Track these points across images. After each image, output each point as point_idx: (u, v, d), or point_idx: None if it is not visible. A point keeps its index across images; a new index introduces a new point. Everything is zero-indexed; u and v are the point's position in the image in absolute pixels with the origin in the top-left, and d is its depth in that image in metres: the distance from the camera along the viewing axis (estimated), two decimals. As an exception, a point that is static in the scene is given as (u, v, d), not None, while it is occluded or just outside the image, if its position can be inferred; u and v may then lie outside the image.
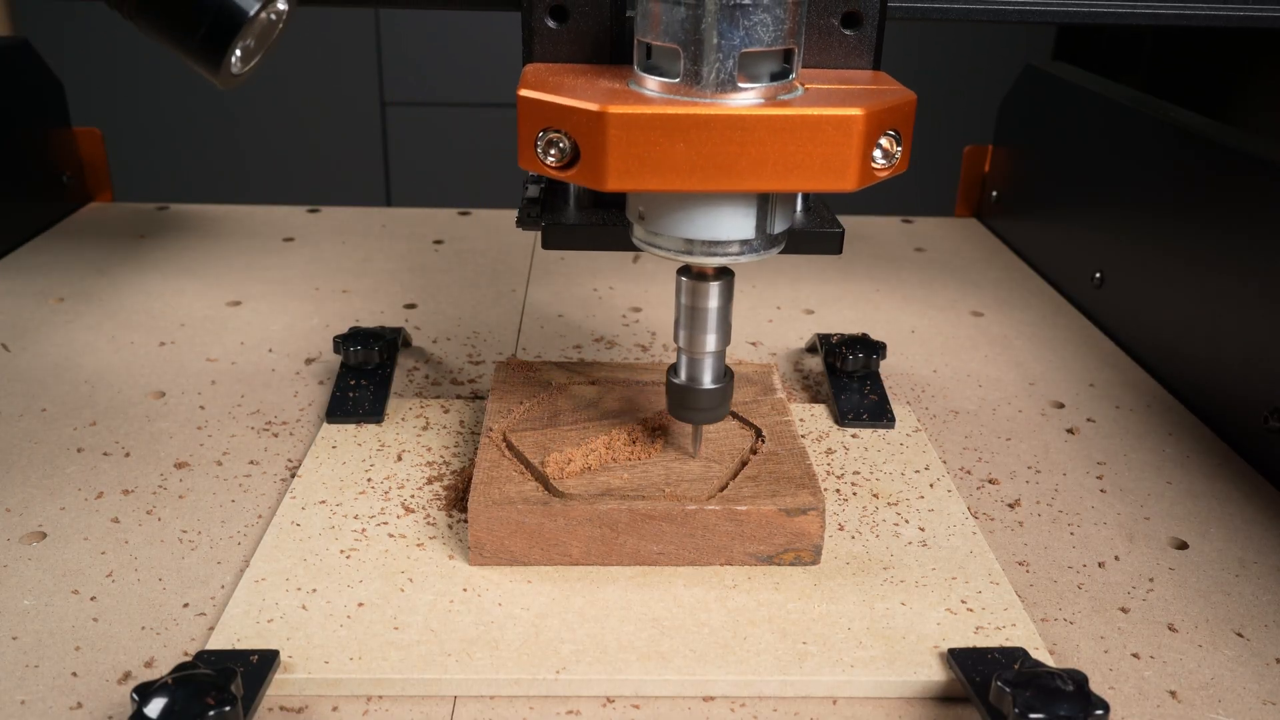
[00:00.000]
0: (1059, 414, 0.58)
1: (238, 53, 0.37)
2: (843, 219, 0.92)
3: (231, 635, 0.38)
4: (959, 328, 0.69)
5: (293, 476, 0.49)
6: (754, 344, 0.65)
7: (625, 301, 0.71)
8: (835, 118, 0.34)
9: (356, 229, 0.84)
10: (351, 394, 0.54)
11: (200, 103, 1.62)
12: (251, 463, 0.51)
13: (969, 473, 0.52)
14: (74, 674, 0.37)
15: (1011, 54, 1.62)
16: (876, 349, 0.57)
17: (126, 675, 0.37)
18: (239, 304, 0.69)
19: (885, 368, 0.60)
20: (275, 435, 0.53)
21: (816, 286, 0.75)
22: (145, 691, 0.32)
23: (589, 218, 0.44)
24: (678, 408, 0.44)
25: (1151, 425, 0.57)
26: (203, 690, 0.32)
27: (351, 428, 0.52)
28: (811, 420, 0.55)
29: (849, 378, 0.57)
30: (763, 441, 0.46)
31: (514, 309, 0.70)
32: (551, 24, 0.40)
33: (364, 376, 0.56)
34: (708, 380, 0.43)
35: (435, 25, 1.60)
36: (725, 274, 0.41)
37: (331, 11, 1.58)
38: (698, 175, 0.35)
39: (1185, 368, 0.60)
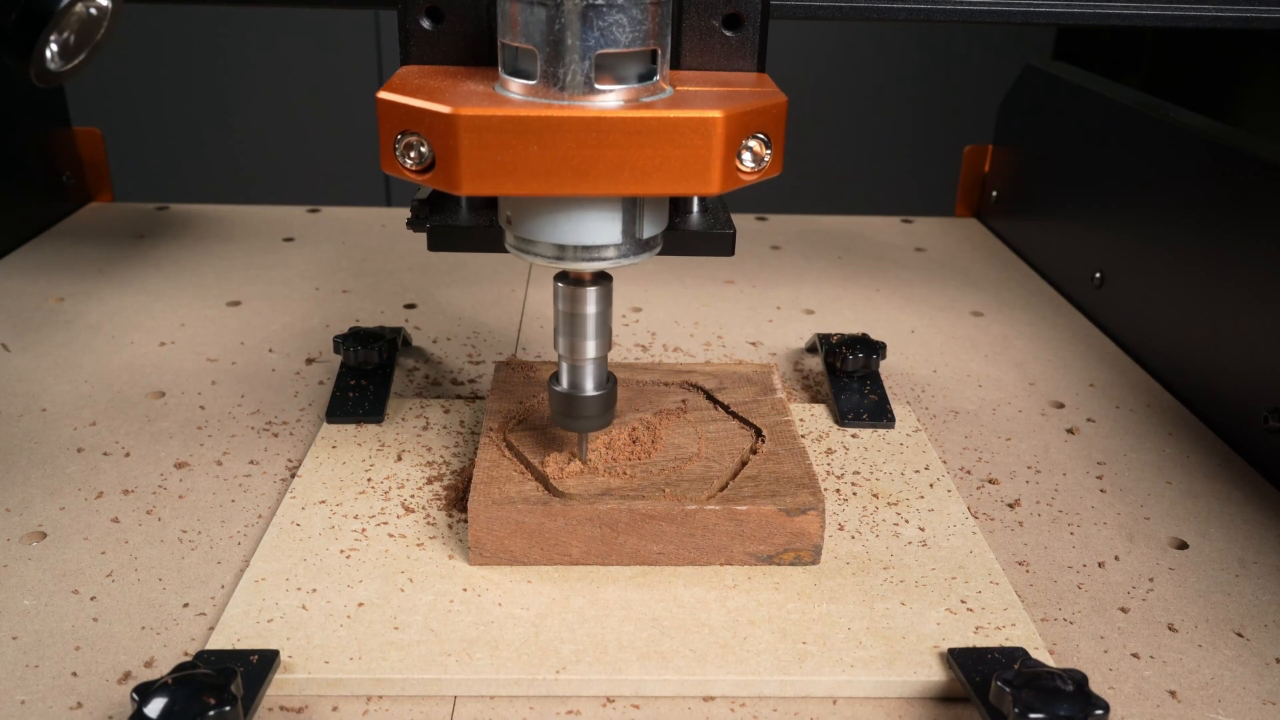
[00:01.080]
0: (1059, 414, 0.58)
1: (53, 47, 0.36)
2: (842, 219, 0.93)
3: (231, 635, 0.38)
4: (959, 328, 0.69)
5: (293, 476, 0.49)
6: (754, 344, 0.65)
7: (625, 301, 0.71)
8: (693, 120, 0.34)
9: (356, 229, 0.84)
10: (351, 394, 0.54)
11: (200, 103, 1.62)
12: (251, 463, 0.51)
13: (969, 473, 0.52)
14: (74, 674, 0.37)
15: (1011, 54, 1.62)
16: (876, 349, 0.57)
17: (126, 675, 0.37)
18: (239, 304, 0.69)
19: (885, 368, 0.60)
20: (275, 435, 0.53)
21: (816, 286, 0.75)
22: (145, 691, 0.32)
23: (479, 219, 0.43)
24: (561, 416, 0.43)
25: (1151, 425, 0.57)
26: (203, 690, 0.32)
27: (351, 428, 0.52)
28: (811, 420, 0.55)
29: (849, 378, 0.57)
30: (763, 441, 0.46)
31: (514, 309, 0.70)
32: (427, 25, 0.39)
33: (364, 376, 0.56)
34: (590, 387, 0.42)
35: (435, 25, 1.60)
36: (603, 278, 0.41)
37: (331, 11, 1.58)
38: (555, 179, 0.34)
39: (1185, 368, 0.60)
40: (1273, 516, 0.49)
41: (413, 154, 0.35)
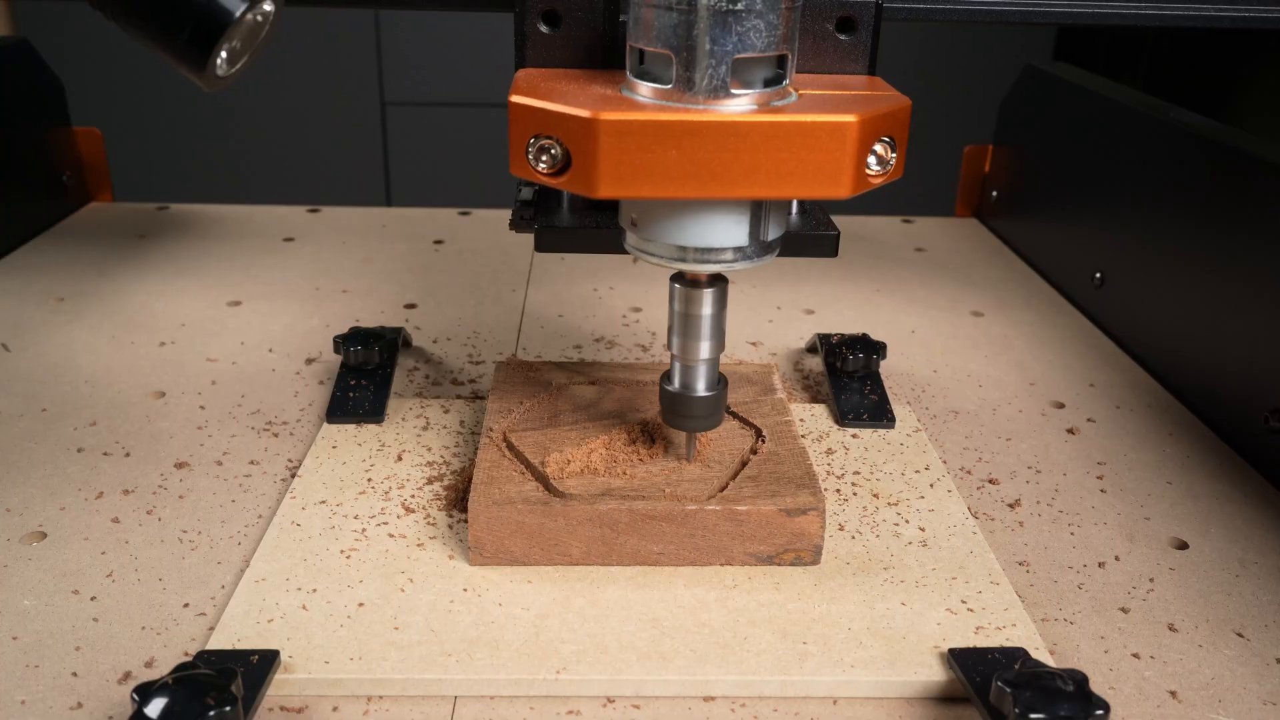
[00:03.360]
0: (1059, 414, 0.58)
1: (223, 55, 0.37)
2: (843, 219, 0.93)
3: (232, 635, 0.38)
4: (959, 328, 0.69)
5: (293, 476, 0.49)
6: (754, 344, 0.65)
7: (625, 301, 0.71)
8: (829, 124, 0.34)
9: (356, 229, 0.84)
10: (352, 394, 0.54)
11: (200, 103, 1.62)
12: (251, 463, 0.51)
13: (969, 473, 0.52)
14: (74, 674, 0.37)
15: (1011, 54, 1.62)
16: (876, 349, 0.57)
17: (127, 675, 0.37)
18: (239, 304, 0.69)
19: (885, 368, 0.60)
20: (275, 435, 0.53)
21: (816, 286, 0.75)
22: (145, 691, 0.32)
23: (582, 220, 0.43)
24: (671, 415, 0.43)
25: (1151, 425, 0.57)
26: (203, 690, 0.32)
27: (352, 428, 0.52)
28: (811, 420, 0.55)
29: (849, 378, 0.57)
30: (763, 441, 0.46)
31: (514, 309, 0.70)
32: (544, 29, 0.39)
33: (364, 376, 0.56)
34: (701, 388, 0.43)
35: (435, 25, 1.60)
36: (719, 280, 0.41)
37: (331, 11, 1.58)
38: (690, 182, 0.34)
39: (1185, 368, 0.60)
40: (1273, 516, 0.49)
41: (546, 157, 0.34)
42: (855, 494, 0.48)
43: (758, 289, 0.74)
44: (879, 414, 0.54)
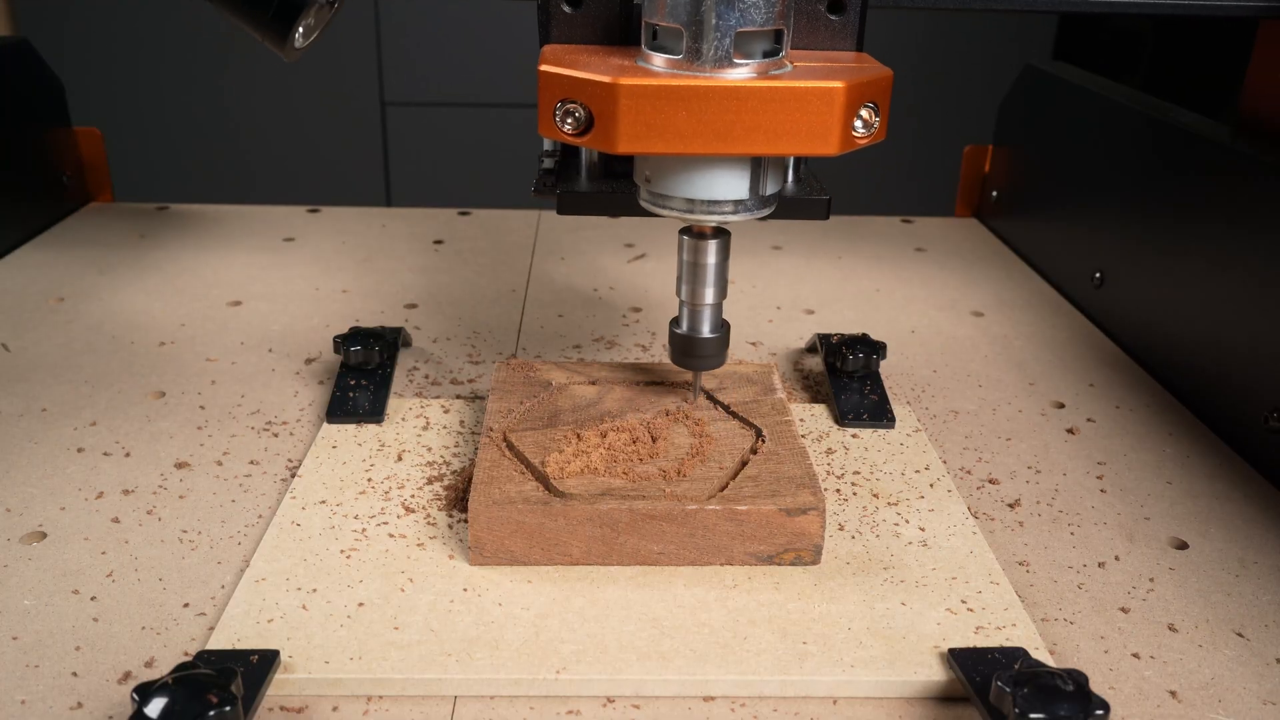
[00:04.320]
0: (1059, 414, 0.58)
1: (300, 30, 0.42)
2: (843, 219, 0.93)
3: (232, 635, 0.38)
4: (959, 328, 0.69)
5: (293, 476, 0.49)
6: (754, 344, 0.65)
7: (625, 301, 0.71)
8: (819, 89, 0.38)
9: (356, 229, 0.84)
10: (351, 394, 0.54)
11: (200, 103, 1.62)
12: (251, 463, 0.51)
13: (969, 473, 0.52)
14: (74, 674, 0.37)
15: (1011, 54, 1.62)
16: (876, 349, 0.57)
17: (127, 675, 0.37)
18: (239, 304, 0.69)
19: (885, 368, 0.60)
20: (275, 435, 0.53)
21: (816, 286, 0.75)
22: (145, 691, 0.32)
23: (599, 187, 0.47)
24: (680, 355, 0.48)
25: (1151, 425, 0.57)
26: (203, 690, 0.32)
27: (351, 428, 0.52)
28: (811, 420, 0.55)
29: (849, 378, 0.57)
30: (763, 441, 0.46)
31: (514, 309, 0.70)
32: (567, 8, 0.44)
33: (364, 376, 0.56)
34: (706, 330, 0.47)
35: (435, 25, 1.60)
36: (722, 233, 0.46)
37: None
38: (698, 140, 0.38)
39: (1185, 368, 0.60)
40: (1273, 516, 0.49)
41: (570, 119, 0.39)
42: (855, 494, 0.48)
43: (757, 289, 0.74)
44: (879, 414, 0.54)
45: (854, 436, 0.53)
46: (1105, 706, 0.33)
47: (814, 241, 0.84)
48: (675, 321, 0.48)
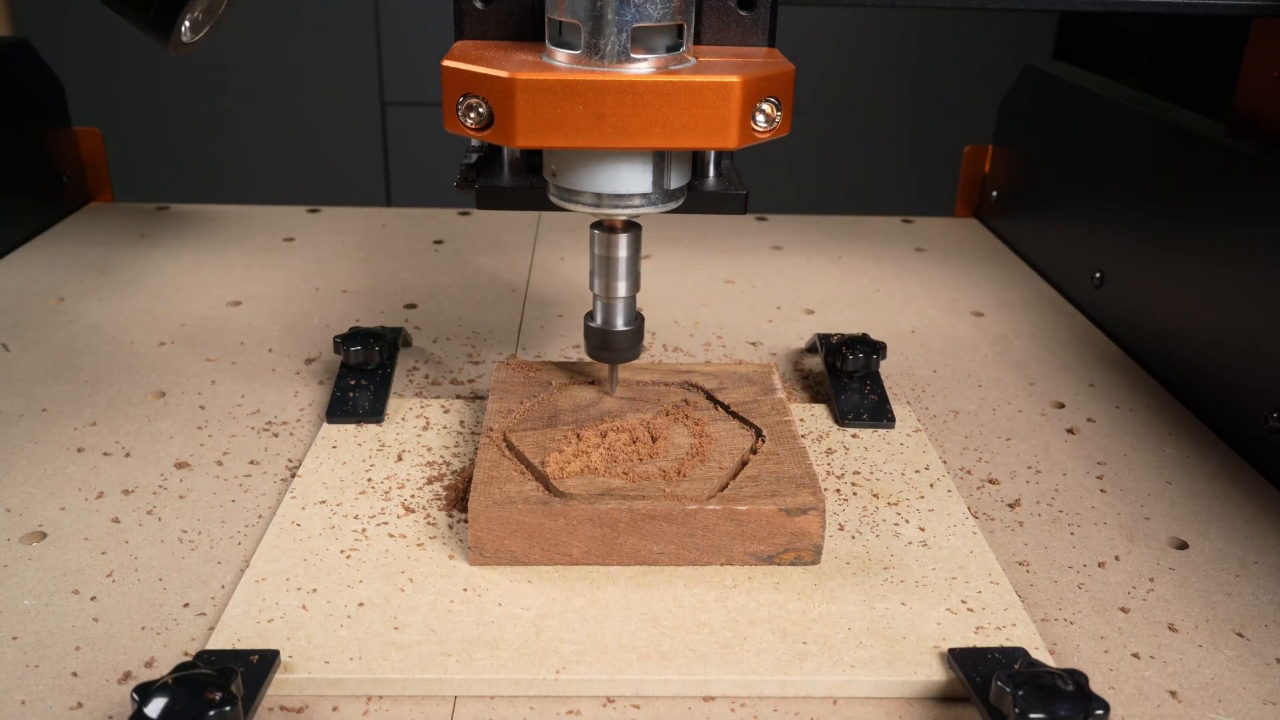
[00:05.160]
0: (1059, 414, 0.58)
1: (186, 24, 0.42)
2: (843, 219, 0.93)
3: (232, 635, 0.38)
4: (959, 328, 0.69)
5: (293, 476, 0.49)
6: (754, 344, 0.65)
7: (625, 301, 0.71)
8: (715, 84, 0.39)
9: (356, 229, 0.84)
10: (351, 394, 0.54)
11: (200, 103, 1.62)
12: (251, 463, 0.51)
13: (969, 473, 0.52)
14: (74, 674, 0.37)
15: (1011, 54, 1.62)
16: (876, 349, 0.57)
17: (127, 675, 0.37)
18: (239, 304, 0.69)
19: (885, 368, 0.60)
20: (275, 435, 0.53)
21: (816, 286, 0.75)
22: (145, 691, 0.32)
23: (520, 181, 0.48)
24: (596, 349, 0.49)
25: (1151, 425, 0.57)
26: (203, 690, 0.32)
27: (351, 428, 0.52)
28: (811, 420, 0.55)
29: (849, 378, 0.57)
30: (763, 441, 0.46)
31: (514, 309, 0.70)
32: (479, 5, 0.44)
33: (364, 376, 0.56)
34: (621, 323, 0.48)
35: (435, 25, 1.60)
36: (633, 226, 0.46)
37: (331, 11, 1.58)
38: (596, 134, 0.39)
39: (1185, 368, 0.60)
40: (1273, 516, 0.49)
41: (473, 114, 0.40)
42: (855, 494, 0.48)
43: (757, 289, 0.74)
44: (879, 414, 0.54)
45: (854, 436, 0.53)
46: (1105, 706, 0.33)
47: (814, 241, 0.84)
48: (590, 315, 0.48)
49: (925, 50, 1.65)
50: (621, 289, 0.47)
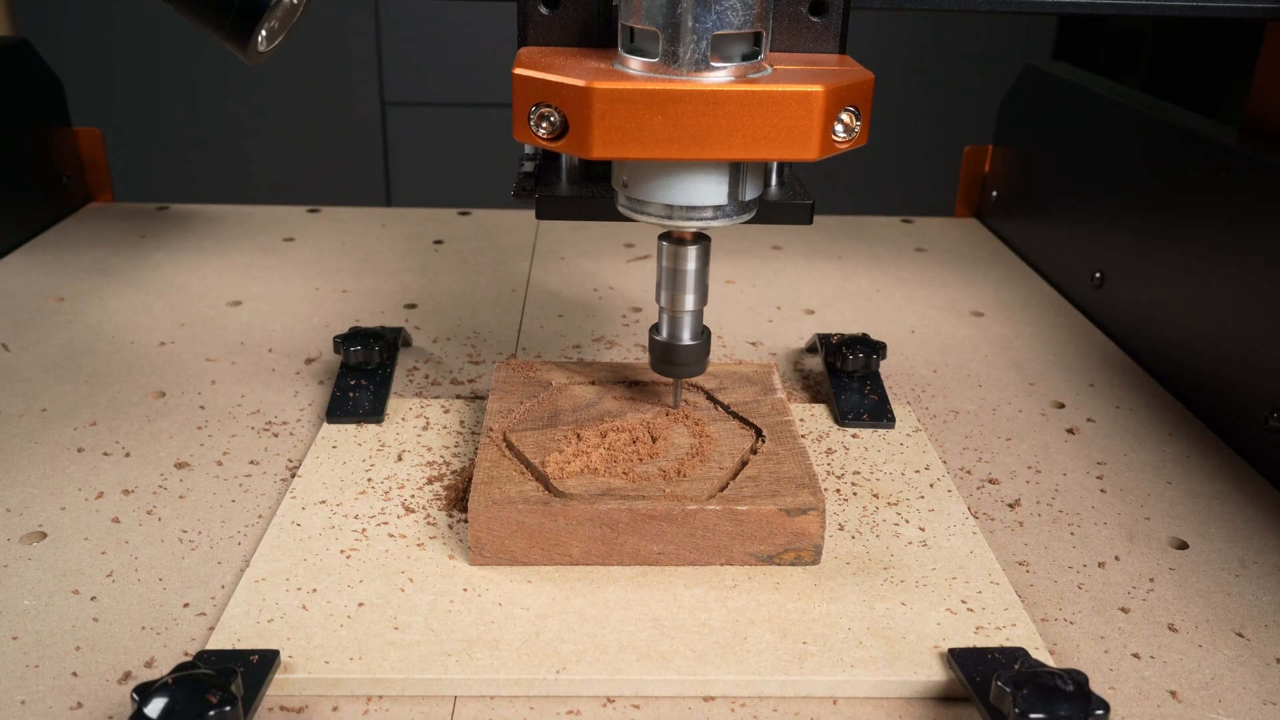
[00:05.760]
0: (1059, 414, 0.58)
1: (263, 33, 0.41)
2: (843, 219, 0.93)
3: (232, 635, 0.38)
4: (959, 328, 0.69)
5: (293, 476, 0.49)
6: (754, 344, 0.65)
7: (625, 301, 0.71)
8: (798, 93, 0.37)
9: (356, 229, 0.84)
10: (351, 394, 0.54)
11: (200, 103, 1.62)
12: (251, 463, 0.51)
13: (969, 473, 0.52)
14: (74, 674, 0.37)
15: (1011, 54, 1.62)
16: (876, 349, 0.57)
17: (127, 675, 0.37)
18: (239, 304, 0.69)
19: (885, 368, 0.60)
20: (275, 435, 0.53)
21: (816, 286, 0.75)
22: (145, 691, 0.32)
23: (579, 191, 0.47)
24: (660, 363, 0.47)
25: (1151, 425, 0.57)
26: (203, 690, 0.32)
27: (351, 428, 0.52)
28: (811, 420, 0.55)
29: (849, 378, 0.57)
30: (763, 441, 0.46)
31: (514, 309, 0.70)
32: (544, 10, 0.43)
33: (364, 376, 0.56)
34: (687, 337, 0.47)
35: (435, 25, 1.60)
36: (702, 238, 0.45)
37: (331, 11, 1.58)
38: (674, 145, 0.38)
39: (1185, 368, 0.60)
40: (1273, 516, 0.49)
41: (545, 124, 0.38)
42: (855, 494, 0.48)
43: (757, 289, 0.74)
44: (879, 414, 0.54)
45: (854, 436, 0.53)
46: (1105, 706, 0.33)
47: (814, 241, 0.84)
48: (655, 328, 0.47)
49: (925, 50, 1.65)
50: (689, 302, 0.46)
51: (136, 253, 0.77)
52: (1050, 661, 0.38)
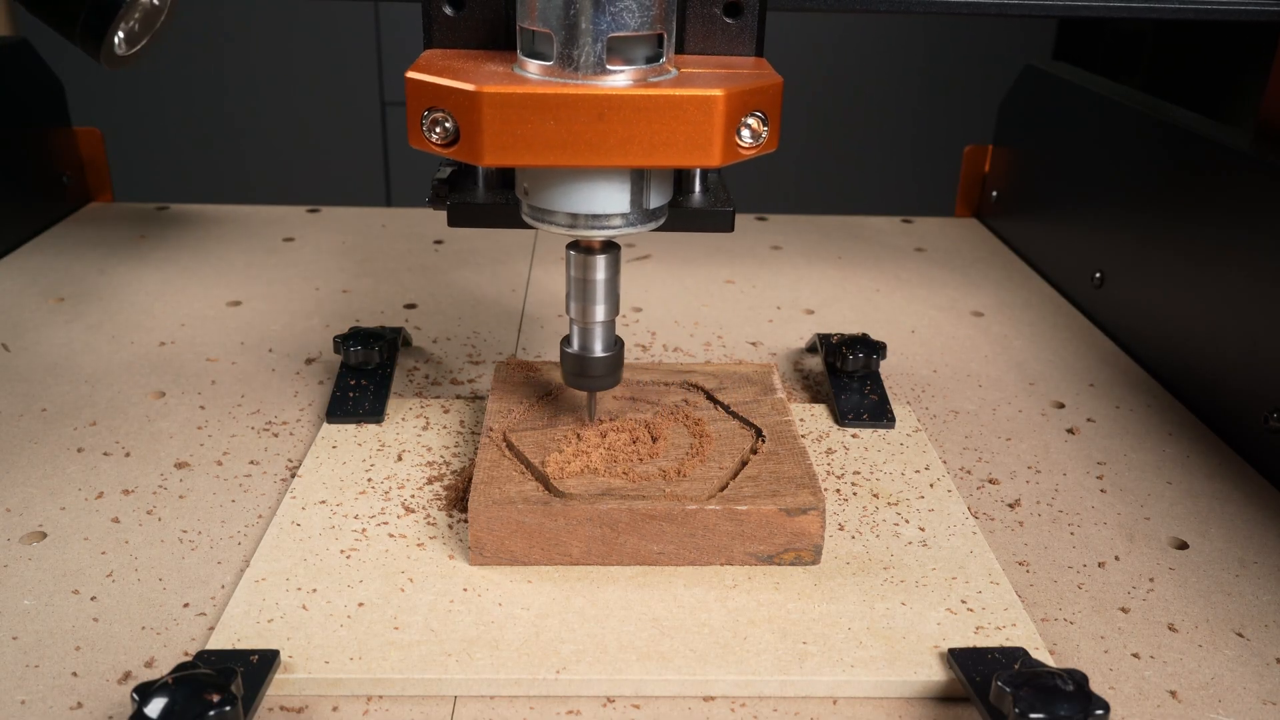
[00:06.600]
0: (1059, 414, 0.58)
1: (120, 35, 0.40)
2: (842, 219, 0.93)
3: (232, 635, 0.38)
4: (959, 328, 0.69)
5: (293, 476, 0.49)
6: (754, 344, 0.65)
7: (625, 301, 0.71)
8: (697, 98, 0.36)
9: (356, 229, 0.84)
10: (351, 394, 0.54)
11: (200, 103, 1.62)
12: (251, 463, 0.51)
13: (969, 473, 0.52)
14: (74, 674, 0.37)
15: (1011, 54, 1.62)
16: (876, 349, 0.57)
17: (127, 675, 0.37)
18: (239, 304, 0.69)
19: (885, 368, 0.60)
20: (275, 435, 0.53)
21: (816, 286, 0.75)
22: (145, 691, 0.32)
23: (494, 197, 0.46)
24: (573, 376, 0.46)
25: (1151, 425, 0.57)
26: (203, 690, 0.32)
27: (351, 428, 0.52)
28: (811, 420, 0.55)
29: (849, 378, 0.57)
30: (763, 441, 0.46)
31: (514, 309, 0.70)
32: (449, 11, 0.42)
33: (364, 376, 0.56)
34: (599, 349, 0.45)
35: (435, 25, 1.60)
36: (612, 247, 0.44)
37: (331, 11, 1.58)
38: (569, 151, 0.37)
39: (1185, 368, 0.60)
40: (1273, 516, 0.49)
41: (438, 129, 0.37)
42: (855, 494, 0.48)
43: (757, 289, 0.74)
44: (879, 414, 0.54)
45: (854, 436, 0.53)
46: (1105, 706, 0.33)
47: (814, 241, 0.84)
48: (566, 340, 0.46)
49: (925, 51, 1.65)
50: (599, 313, 0.44)
51: (136, 253, 0.77)
52: (1050, 661, 0.38)
